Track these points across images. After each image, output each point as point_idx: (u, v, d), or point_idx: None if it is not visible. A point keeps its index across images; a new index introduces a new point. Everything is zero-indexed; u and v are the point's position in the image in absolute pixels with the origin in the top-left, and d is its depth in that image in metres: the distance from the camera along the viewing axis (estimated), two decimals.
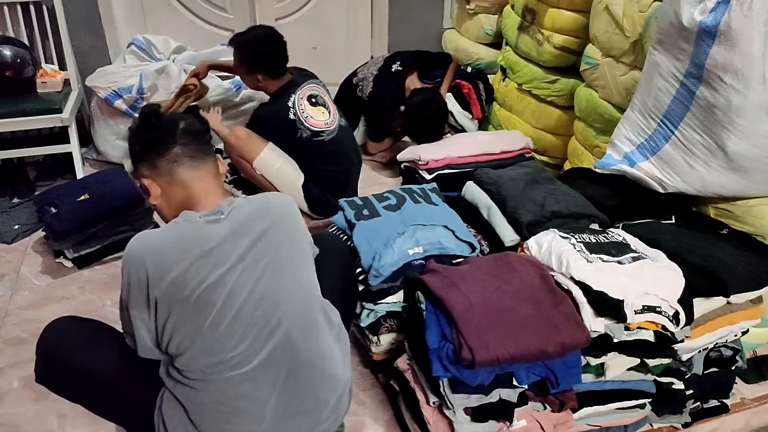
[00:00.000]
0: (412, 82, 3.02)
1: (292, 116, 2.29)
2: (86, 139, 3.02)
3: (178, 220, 1.20)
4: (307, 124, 2.32)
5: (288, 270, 1.24)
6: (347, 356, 1.37)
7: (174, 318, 1.13)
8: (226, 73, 2.87)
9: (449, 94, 3.24)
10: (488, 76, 3.36)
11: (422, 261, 1.65)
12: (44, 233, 2.33)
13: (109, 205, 2.23)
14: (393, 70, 3.01)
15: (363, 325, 1.68)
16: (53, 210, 2.22)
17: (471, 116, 3.23)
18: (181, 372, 1.18)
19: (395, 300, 1.66)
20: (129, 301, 1.15)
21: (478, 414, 1.42)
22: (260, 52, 2.28)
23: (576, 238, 1.59)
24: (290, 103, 2.30)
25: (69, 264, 2.23)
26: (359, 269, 1.66)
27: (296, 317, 1.23)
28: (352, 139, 2.55)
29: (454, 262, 1.68)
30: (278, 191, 2.39)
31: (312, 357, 1.25)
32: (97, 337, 1.28)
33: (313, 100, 2.37)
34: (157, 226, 2.38)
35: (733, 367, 1.70)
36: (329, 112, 2.38)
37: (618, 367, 1.49)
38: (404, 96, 2.94)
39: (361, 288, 1.66)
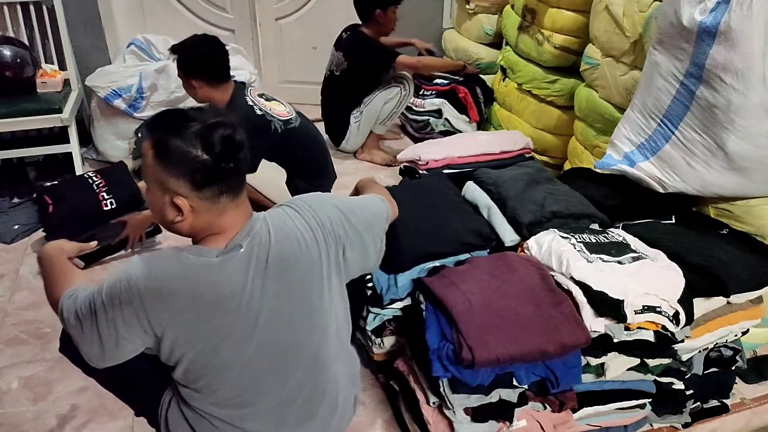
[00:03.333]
0: (368, 30, 3.04)
1: (259, 111, 2.24)
2: (86, 139, 3.02)
3: (190, 257, 1.06)
4: (274, 115, 2.28)
5: (304, 309, 1.16)
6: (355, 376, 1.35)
7: (185, 352, 1.09)
8: None
9: (444, 100, 3.24)
10: (484, 77, 3.36)
11: None
12: (44, 233, 2.33)
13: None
14: (344, 37, 3.06)
15: (369, 328, 1.67)
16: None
17: (468, 120, 3.23)
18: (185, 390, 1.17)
19: (403, 305, 1.64)
20: (116, 320, 1.03)
21: (478, 414, 1.42)
22: (196, 56, 2.20)
23: (576, 238, 1.59)
24: (250, 102, 2.27)
25: None
26: (368, 276, 1.63)
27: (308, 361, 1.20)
28: (313, 125, 2.52)
29: None
30: (262, 194, 2.38)
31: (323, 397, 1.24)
32: None
33: (265, 96, 2.36)
34: (157, 226, 2.38)
35: (733, 367, 1.70)
36: (283, 104, 2.38)
37: (618, 367, 1.49)
38: (371, 41, 3.00)
39: (369, 293, 1.64)
